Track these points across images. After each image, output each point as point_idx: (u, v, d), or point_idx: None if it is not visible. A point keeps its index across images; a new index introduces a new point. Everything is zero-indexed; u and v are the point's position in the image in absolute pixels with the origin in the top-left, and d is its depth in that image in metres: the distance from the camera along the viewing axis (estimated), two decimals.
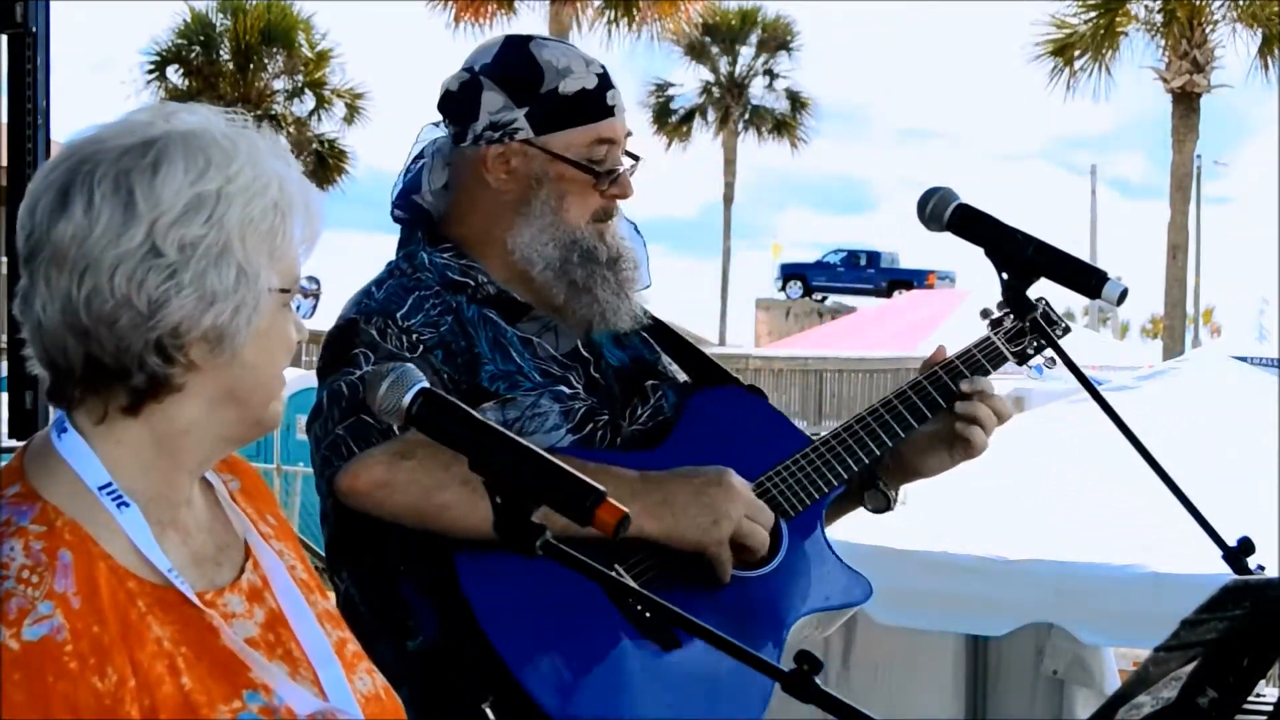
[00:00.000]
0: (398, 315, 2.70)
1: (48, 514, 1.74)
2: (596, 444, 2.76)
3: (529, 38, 2.86)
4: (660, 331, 2.99)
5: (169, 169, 1.74)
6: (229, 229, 1.75)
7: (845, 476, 2.86)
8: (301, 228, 1.83)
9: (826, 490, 2.85)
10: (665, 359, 2.98)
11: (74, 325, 1.74)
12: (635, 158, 2.87)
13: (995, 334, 2.97)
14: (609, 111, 2.81)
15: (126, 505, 1.76)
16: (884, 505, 2.99)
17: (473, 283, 2.78)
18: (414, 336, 2.68)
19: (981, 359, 2.94)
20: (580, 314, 2.81)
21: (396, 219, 2.90)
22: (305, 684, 1.80)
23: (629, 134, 2.85)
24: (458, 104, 2.83)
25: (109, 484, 1.76)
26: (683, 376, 2.99)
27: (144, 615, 1.73)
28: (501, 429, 1.90)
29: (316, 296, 1.88)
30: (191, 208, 1.74)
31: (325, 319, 2.27)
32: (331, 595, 2.00)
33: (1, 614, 1.66)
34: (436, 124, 2.90)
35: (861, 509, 3.02)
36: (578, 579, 2.57)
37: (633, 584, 2.32)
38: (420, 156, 2.88)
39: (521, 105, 2.77)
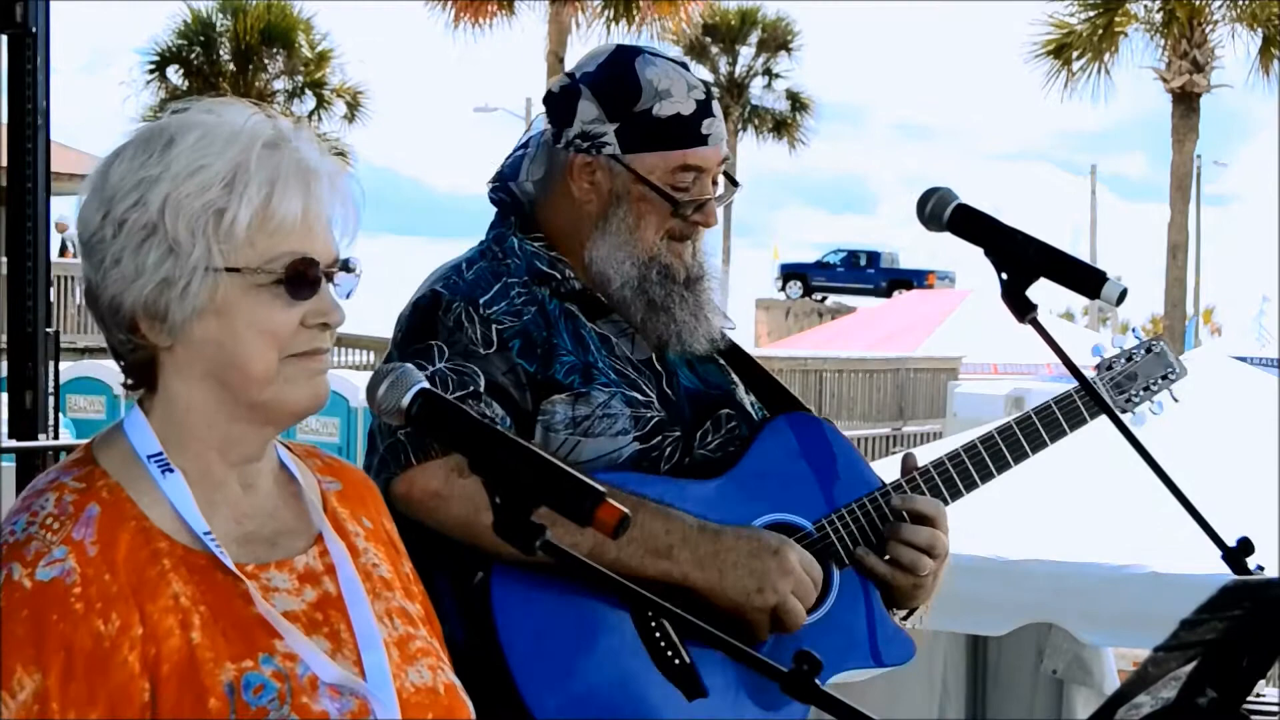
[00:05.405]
0: (481, 301, 2.70)
1: (93, 476, 1.87)
2: (663, 460, 2.74)
3: (640, 51, 2.81)
4: (737, 359, 2.93)
5: (121, 156, 1.87)
6: (153, 208, 1.83)
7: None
8: (283, 208, 1.84)
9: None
10: (742, 391, 2.91)
11: (93, 308, 1.89)
12: (734, 183, 2.84)
13: (1101, 377, 2.98)
14: (700, 140, 2.76)
15: (171, 471, 1.86)
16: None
17: (559, 275, 2.78)
18: (494, 327, 2.68)
19: (1080, 404, 2.89)
20: (657, 333, 2.79)
21: (492, 200, 2.89)
22: (346, 664, 1.88)
23: (725, 159, 2.80)
24: (557, 105, 2.81)
25: (158, 453, 1.87)
26: (758, 414, 2.92)
27: (165, 573, 1.82)
28: (500, 429, 1.90)
29: (313, 281, 1.86)
30: (130, 190, 1.84)
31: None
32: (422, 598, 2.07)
33: (21, 556, 1.80)
34: None
35: None
36: (610, 617, 2.57)
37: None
38: (526, 145, 2.86)
39: (613, 120, 2.75)
